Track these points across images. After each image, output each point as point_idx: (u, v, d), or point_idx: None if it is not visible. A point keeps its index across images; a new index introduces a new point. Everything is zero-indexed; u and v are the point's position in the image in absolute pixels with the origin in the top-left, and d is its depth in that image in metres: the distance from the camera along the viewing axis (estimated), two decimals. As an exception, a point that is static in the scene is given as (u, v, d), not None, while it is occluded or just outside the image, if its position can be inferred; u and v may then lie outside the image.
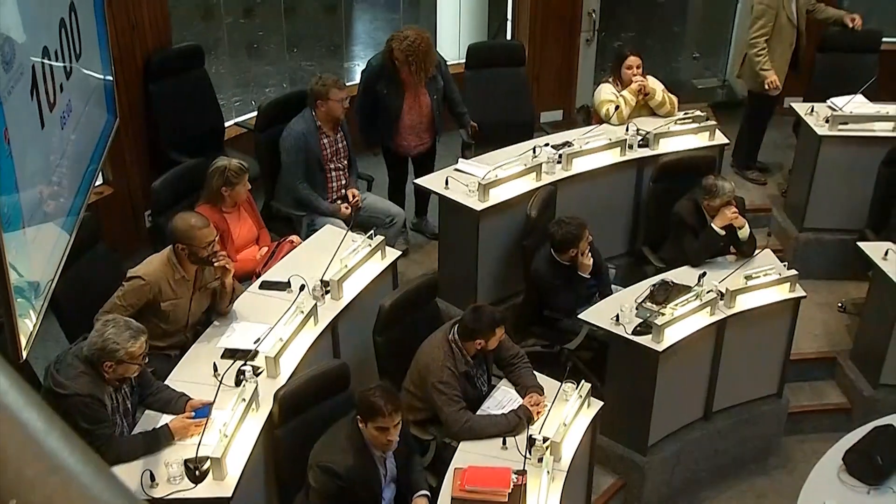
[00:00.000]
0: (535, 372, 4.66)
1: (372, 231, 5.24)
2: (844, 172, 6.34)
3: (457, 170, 5.83)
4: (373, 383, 4.14)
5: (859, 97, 6.35)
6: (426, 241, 6.54)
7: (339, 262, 4.91)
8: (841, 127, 6.25)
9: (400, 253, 5.36)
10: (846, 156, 6.32)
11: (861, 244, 5.75)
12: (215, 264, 4.49)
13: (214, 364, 4.27)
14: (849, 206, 6.36)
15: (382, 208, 5.96)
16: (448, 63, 6.42)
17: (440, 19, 8.16)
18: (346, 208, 5.72)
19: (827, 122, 6.29)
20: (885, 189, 6.00)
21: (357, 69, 8.34)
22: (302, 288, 4.71)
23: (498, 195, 5.63)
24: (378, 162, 6.45)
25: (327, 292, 4.80)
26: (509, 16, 7.49)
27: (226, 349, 4.41)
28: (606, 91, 6.35)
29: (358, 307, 4.91)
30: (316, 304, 4.65)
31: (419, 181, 5.90)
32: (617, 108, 6.25)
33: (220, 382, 4.13)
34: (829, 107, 6.38)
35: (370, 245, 5.10)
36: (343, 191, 5.87)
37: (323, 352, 4.70)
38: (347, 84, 6.08)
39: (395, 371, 4.64)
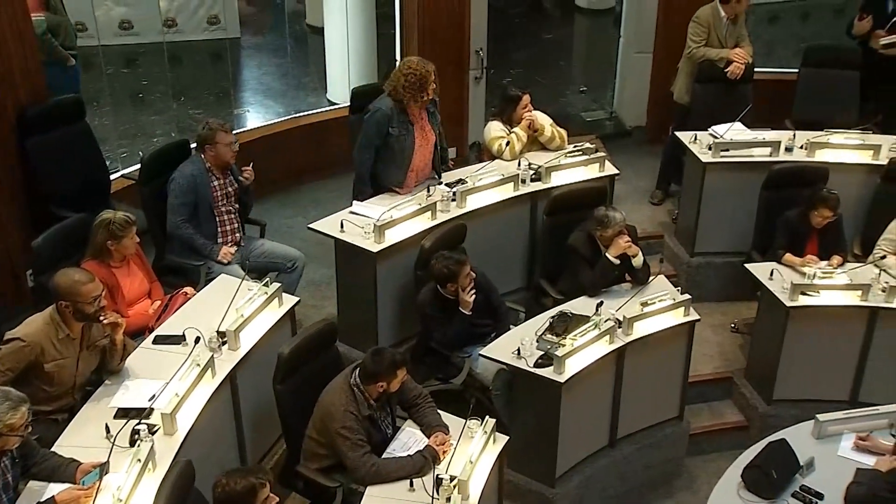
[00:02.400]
0: (439, 411, 4.64)
1: (267, 279, 5.16)
2: (729, 197, 6.55)
3: (352, 212, 5.81)
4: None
5: (738, 124, 6.60)
6: (326, 284, 6.47)
7: (235, 312, 4.82)
8: (723, 154, 6.47)
9: (297, 300, 5.28)
10: (729, 181, 6.53)
11: (748, 266, 5.94)
12: (103, 321, 4.34)
13: (107, 425, 4.11)
14: (735, 230, 6.57)
15: (282, 253, 5.88)
16: (337, 106, 6.42)
17: (329, 63, 8.18)
18: (230, 253, 5.61)
19: (710, 149, 6.50)
20: (767, 211, 6.22)
21: (248, 115, 8.30)
22: (197, 340, 4.60)
23: (394, 236, 5.64)
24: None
25: (224, 343, 4.70)
26: (398, 57, 7.54)
27: (119, 409, 4.26)
28: (496, 128, 6.44)
29: (257, 357, 4.82)
30: (213, 356, 4.54)
31: (313, 225, 5.84)
32: (508, 143, 6.34)
33: (113, 444, 3.98)
34: (711, 134, 6.60)
35: (266, 293, 5.02)
36: (237, 234, 5.77)
37: (222, 405, 4.59)
38: (239, 131, 5.99)
39: (298, 419, 4.55)
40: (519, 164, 6.29)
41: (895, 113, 7.08)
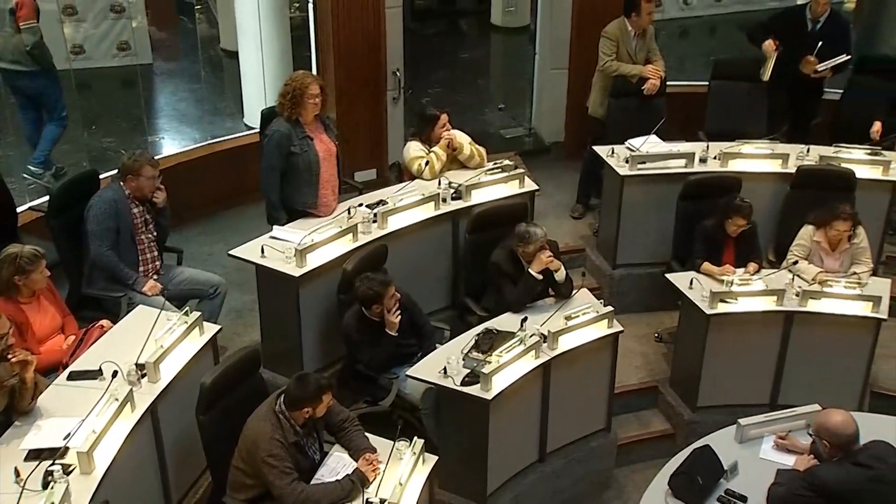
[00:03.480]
0: (367, 434, 4.60)
1: (187, 307, 5.05)
2: (647, 209, 6.66)
3: (272, 237, 5.75)
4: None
5: (653, 137, 6.72)
6: (248, 310, 6.37)
7: (155, 343, 4.70)
8: (640, 166, 6.58)
9: (219, 327, 5.17)
10: (647, 193, 6.64)
11: (668, 276, 6.04)
12: (11, 360, 4.18)
13: (16, 468, 3.94)
14: (655, 241, 6.67)
15: (203, 279, 5.77)
16: (254, 130, 6.35)
17: (245, 87, 8.08)
18: (157, 287, 5.50)
19: (627, 162, 6.60)
20: (685, 222, 6.33)
21: (163, 143, 8.15)
22: (115, 374, 4.47)
23: (315, 259, 5.59)
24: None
25: (143, 376, 4.58)
26: (314, 80, 7.50)
27: (30, 450, 4.09)
28: (415, 148, 6.44)
29: (178, 388, 4.70)
30: (132, 390, 4.42)
31: (233, 252, 5.75)
32: (427, 163, 6.34)
33: (23, 488, 3.81)
34: (628, 148, 6.71)
35: (187, 322, 4.91)
36: (157, 262, 5.66)
37: (142, 439, 4.47)
38: (154, 158, 5.85)
39: (223, 450, 4.45)
40: (439, 184, 6.30)
41: (798, 124, 7.29)
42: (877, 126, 6.89)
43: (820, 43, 6.97)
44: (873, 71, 7.14)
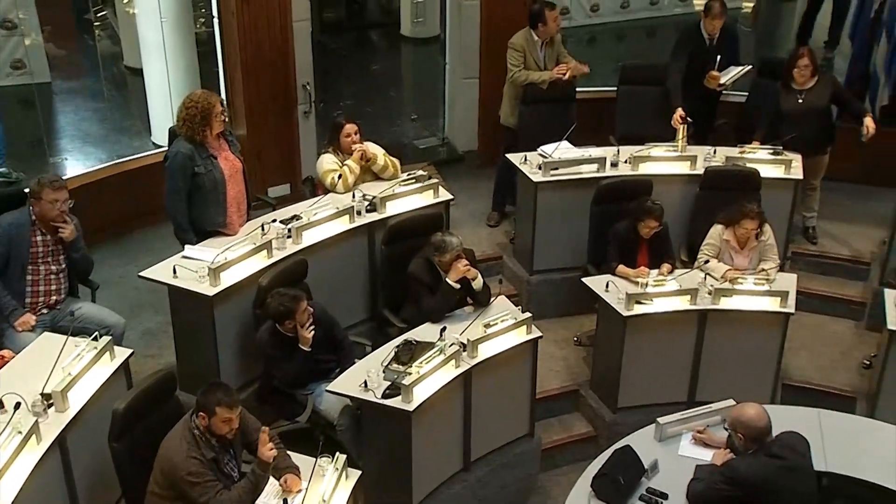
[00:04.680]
0: (289, 452, 4.54)
1: (96, 333, 4.89)
2: (562, 214, 6.73)
3: (184, 257, 5.64)
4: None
5: (565, 143, 6.79)
6: (163, 332, 6.21)
7: (62, 371, 4.54)
8: (553, 172, 6.64)
9: (131, 351, 5.03)
10: (561, 199, 6.71)
11: (585, 280, 6.11)
12: None
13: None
14: (570, 246, 6.75)
15: (98, 319, 5.48)
16: (163, 149, 6.22)
17: (151, 105, 7.92)
18: (28, 323, 5.26)
19: (540, 169, 6.66)
20: (598, 226, 6.41)
21: (66, 164, 7.92)
22: (18, 406, 4.29)
23: (230, 278, 5.50)
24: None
25: (50, 405, 4.42)
26: (223, 95, 7.39)
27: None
28: (328, 161, 6.39)
29: (89, 416, 4.56)
30: (37, 421, 4.25)
31: (144, 273, 5.61)
32: (340, 176, 6.30)
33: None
34: (540, 154, 6.78)
35: (96, 348, 4.76)
36: (53, 297, 5.43)
37: (50, 471, 4.31)
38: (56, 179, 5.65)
39: (138, 476, 4.34)
40: (353, 196, 6.26)
41: (703, 126, 7.47)
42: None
43: (719, 57, 7.15)
44: (774, 74, 7.35)
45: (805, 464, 4.42)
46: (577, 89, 7.39)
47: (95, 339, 4.80)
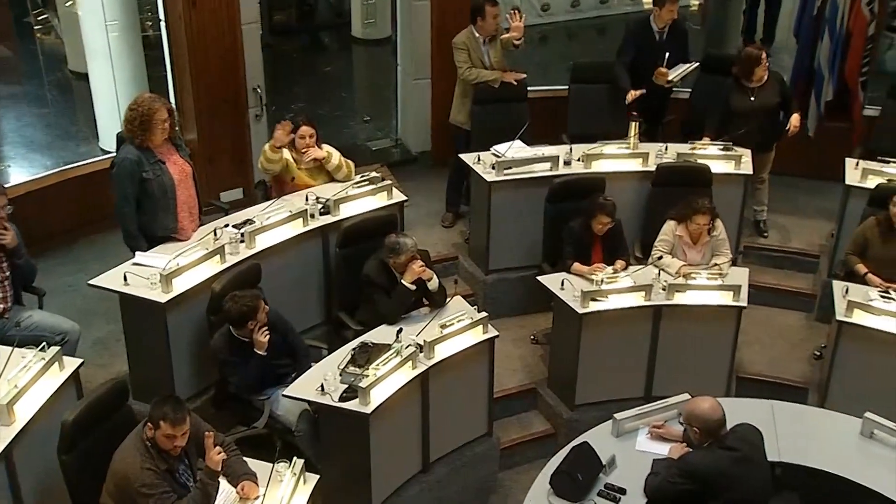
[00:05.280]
0: (246, 458, 4.50)
1: (44, 343, 4.79)
2: (516, 213, 6.74)
3: (135, 263, 5.56)
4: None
5: (518, 142, 6.81)
6: (114, 340, 6.11)
7: (8, 384, 4.45)
8: (506, 172, 6.65)
9: (81, 361, 4.94)
10: (515, 198, 6.72)
11: (540, 278, 6.12)
12: None
13: None
14: (525, 244, 6.77)
15: (51, 325, 5.38)
16: (111, 154, 6.12)
17: (97, 110, 7.79)
18: None
19: (493, 168, 6.67)
20: (553, 224, 6.44)
21: (9, 171, 7.76)
22: (-39, 421, 4.20)
23: (182, 284, 5.43)
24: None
25: (-4, 419, 4.32)
26: (171, 99, 7.29)
27: None
28: (267, 146, 6.34)
29: (37, 429, 4.48)
30: (-19, 436, 4.16)
31: (94, 281, 5.51)
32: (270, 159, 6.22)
33: None
34: (493, 154, 6.78)
35: (44, 359, 4.67)
36: (3, 304, 5.30)
37: (-3, 487, 4.22)
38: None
39: (89, 489, 4.26)
40: (307, 199, 6.22)
41: (653, 123, 7.54)
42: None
43: (668, 54, 7.22)
44: (719, 70, 7.44)
45: (759, 455, 4.48)
46: (529, 88, 7.41)
47: (43, 349, 4.71)
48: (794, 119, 7.04)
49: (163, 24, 7.28)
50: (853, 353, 5.78)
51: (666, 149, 6.93)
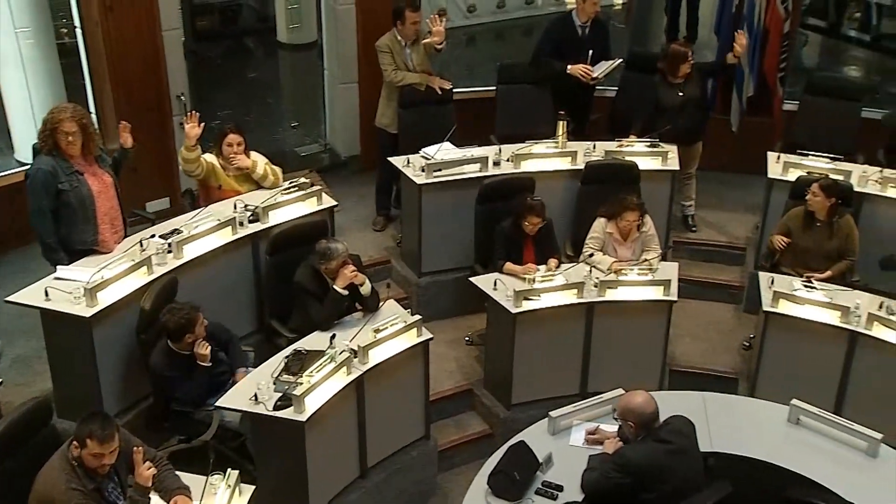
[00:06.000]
0: (177, 473, 4.40)
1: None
2: (447, 215, 6.74)
3: (57, 278, 5.41)
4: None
5: (447, 144, 6.80)
6: (37, 358, 5.94)
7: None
8: (436, 174, 6.64)
9: (0, 381, 4.79)
10: (445, 200, 6.71)
11: (473, 279, 6.13)
12: None
13: None
14: (457, 246, 6.76)
15: None
16: (28, 167, 5.93)
17: (11, 121, 7.56)
18: None
19: (423, 171, 6.65)
20: (484, 225, 6.45)
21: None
22: None
23: (108, 297, 5.31)
24: None
25: None
26: (91, 109, 7.11)
27: None
28: (209, 157, 6.28)
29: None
30: None
31: (12, 298, 5.35)
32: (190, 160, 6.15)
33: None
34: (423, 156, 6.77)
35: (-40, 379, 4.52)
36: None
37: None
38: None
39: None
40: (235, 207, 6.14)
41: (580, 121, 7.61)
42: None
43: (591, 51, 7.29)
44: (643, 68, 7.55)
45: (691, 446, 4.54)
46: (456, 90, 7.42)
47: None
48: (738, 45, 7.12)
49: (79, 30, 7.09)
50: (780, 342, 5.90)
51: (594, 147, 7.00)
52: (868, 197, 6.66)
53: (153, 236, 5.82)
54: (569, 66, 7.28)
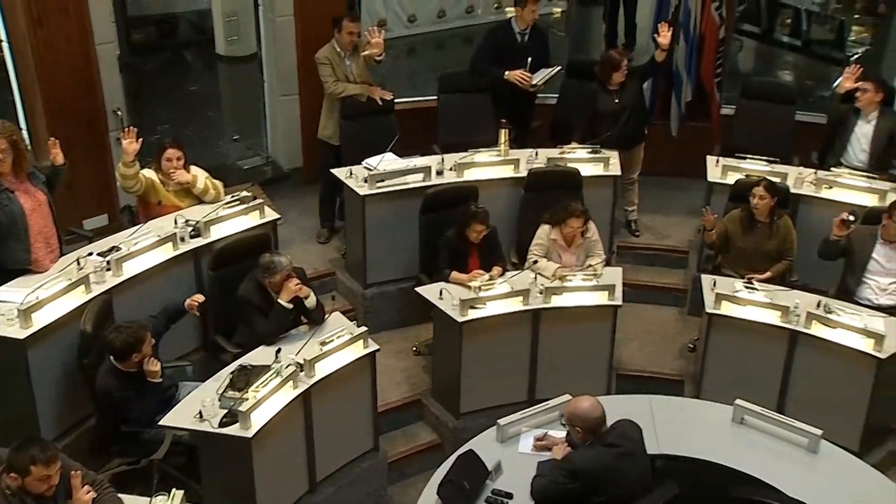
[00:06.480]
0: (119, 495, 4.32)
1: None
2: (391, 226, 6.72)
3: (-14, 300, 5.28)
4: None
5: (389, 155, 6.79)
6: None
7: None
8: (379, 185, 6.62)
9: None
10: (389, 210, 6.70)
11: (418, 289, 6.12)
12: None
13: None
14: (402, 256, 6.74)
15: None
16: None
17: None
18: None
19: (366, 182, 6.63)
20: (428, 234, 6.44)
21: None
22: None
23: (44, 318, 5.20)
24: None
25: None
26: (23, 127, 6.94)
27: None
28: (148, 172, 6.19)
29: None
30: None
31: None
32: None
33: None
34: (365, 167, 6.74)
35: None
36: None
37: None
38: None
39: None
40: (176, 222, 6.05)
41: (522, 129, 7.66)
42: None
43: (530, 59, 7.34)
44: (582, 75, 7.62)
45: (639, 449, 4.57)
46: (398, 100, 7.42)
47: None
48: (661, 38, 7.16)
49: (5, 44, 6.92)
50: (723, 343, 5.99)
51: (536, 154, 7.04)
52: (804, 198, 6.80)
53: (91, 254, 5.72)
54: (506, 72, 7.32)
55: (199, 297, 5.42)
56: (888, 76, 8.54)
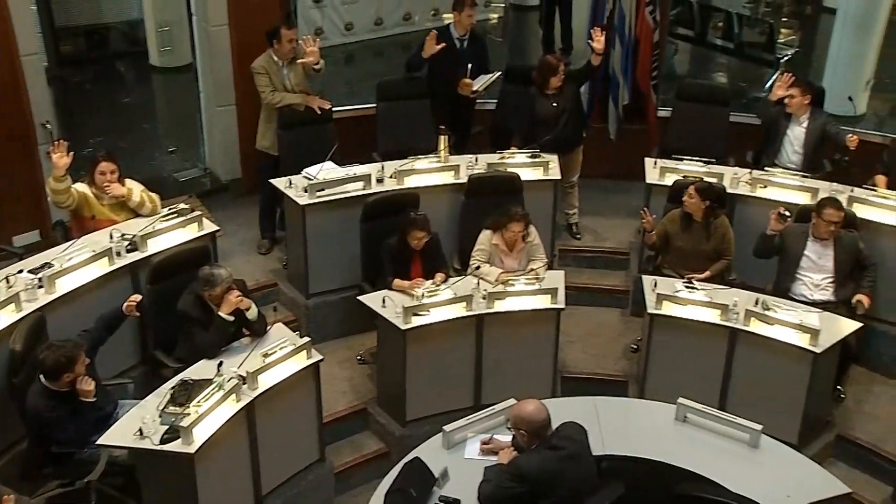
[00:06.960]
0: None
1: None
2: (333, 235, 6.67)
3: (-84, 320, 5.11)
4: None
5: (328, 163, 6.74)
6: None
7: None
8: (319, 194, 6.58)
9: None
10: (330, 219, 6.65)
11: (361, 297, 6.08)
12: None
13: None
14: (344, 265, 6.70)
15: None
16: None
17: None
18: None
19: (306, 191, 6.57)
20: (370, 243, 6.41)
21: None
22: None
23: (-30, 338, 5.05)
24: None
25: None
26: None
27: None
28: (80, 186, 6.07)
29: None
30: None
31: None
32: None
33: None
34: (305, 177, 6.68)
35: None
36: None
37: None
38: None
39: None
40: (111, 237, 5.94)
41: (462, 135, 7.68)
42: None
43: (469, 65, 7.36)
44: (520, 80, 7.66)
45: (584, 450, 4.60)
46: (336, 108, 7.38)
47: None
48: (595, 43, 7.19)
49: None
50: (665, 342, 6.05)
51: (476, 160, 7.06)
52: (740, 198, 6.91)
53: (21, 272, 5.58)
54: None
55: (137, 297, 5.33)
56: (816, 77, 8.77)
